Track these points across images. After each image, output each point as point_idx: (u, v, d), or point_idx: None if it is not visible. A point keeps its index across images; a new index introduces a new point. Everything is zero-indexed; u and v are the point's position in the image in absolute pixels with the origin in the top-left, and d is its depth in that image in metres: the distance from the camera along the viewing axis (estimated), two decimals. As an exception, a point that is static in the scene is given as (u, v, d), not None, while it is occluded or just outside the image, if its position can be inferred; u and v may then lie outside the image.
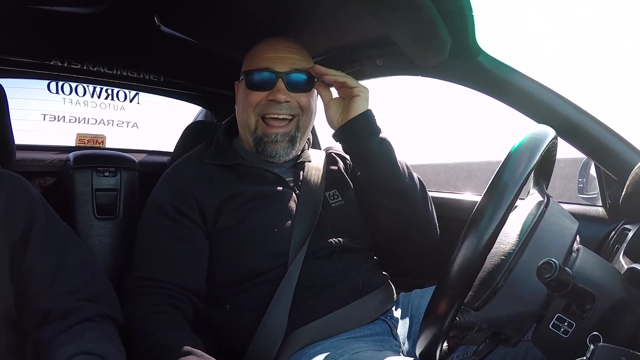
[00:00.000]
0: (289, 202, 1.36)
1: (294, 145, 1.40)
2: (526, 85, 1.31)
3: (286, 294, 1.21)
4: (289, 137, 1.38)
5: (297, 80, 1.37)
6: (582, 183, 1.61)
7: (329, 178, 1.48)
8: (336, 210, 1.42)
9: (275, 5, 1.40)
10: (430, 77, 1.51)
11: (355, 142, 1.35)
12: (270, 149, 1.37)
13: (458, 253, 0.70)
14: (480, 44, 1.31)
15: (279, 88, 1.34)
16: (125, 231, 1.70)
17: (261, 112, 1.36)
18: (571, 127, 1.27)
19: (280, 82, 1.34)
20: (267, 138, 1.36)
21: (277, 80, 1.34)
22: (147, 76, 1.99)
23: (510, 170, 0.72)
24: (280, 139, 1.37)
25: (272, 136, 1.36)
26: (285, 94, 1.34)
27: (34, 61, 1.73)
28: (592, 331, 0.69)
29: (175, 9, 1.46)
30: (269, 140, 1.36)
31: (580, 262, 0.80)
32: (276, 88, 1.34)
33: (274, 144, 1.37)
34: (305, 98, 1.39)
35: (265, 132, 1.36)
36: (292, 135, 1.39)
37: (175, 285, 1.19)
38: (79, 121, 2.40)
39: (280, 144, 1.37)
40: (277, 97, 1.33)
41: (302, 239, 1.29)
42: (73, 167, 1.67)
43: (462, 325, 0.78)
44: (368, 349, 1.15)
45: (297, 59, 1.38)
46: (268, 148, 1.37)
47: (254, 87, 1.37)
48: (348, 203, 1.46)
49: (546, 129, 0.82)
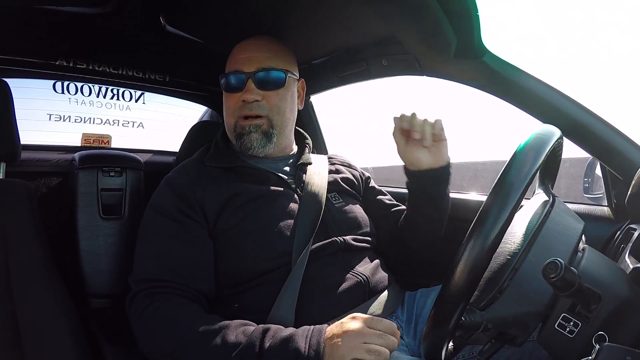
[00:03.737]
0: (291, 202, 1.37)
1: (269, 139, 1.42)
2: (531, 85, 1.31)
3: (291, 294, 1.21)
4: (262, 130, 1.40)
5: (265, 79, 1.39)
6: (588, 183, 1.60)
7: (330, 182, 1.49)
8: (340, 210, 1.43)
9: (280, 5, 1.41)
10: (435, 77, 1.51)
11: (437, 185, 1.40)
12: (246, 141, 1.40)
13: (464, 253, 0.70)
14: (485, 44, 1.31)
15: (247, 88, 1.38)
16: (131, 231, 1.70)
17: (238, 113, 1.40)
18: (577, 127, 1.26)
19: (249, 82, 1.38)
20: (243, 130, 1.40)
21: (247, 80, 1.38)
22: (152, 76, 2.00)
23: (515, 170, 0.72)
24: (253, 130, 1.39)
25: (246, 128, 1.39)
26: (254, 93, 1.37)
27: (39, 61, 1.74)
28: (598, 331, 0.69)
29: (181, 9, 1.46)
30: (244, 132, 1.40)
31: (586, 262, 0.80)
32: (245, 88, 1.38)
33: (248, 135, 1.39)
34: (275, 97, 1.41)
35: (241, 126, 1.40)
36: (264, 130, 1.41)
37: (183, 285, 1.19)
38: (85, 121, 2.40)
39: (253, 135, 1.39)
40: (245, 97, 1.37)
41: (305, 238, 1.29)
42: (78, 167, 1.68)
43: (467, 325, 0.78)
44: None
45: (265, 57, 1.40)
46: (244, 140, 1.40)
47: (228, 90, 1.42)
48: (351, 204, 1.49)
49: (552, 129, 0.82)
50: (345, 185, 1.54)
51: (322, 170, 1.51)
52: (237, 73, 1.38)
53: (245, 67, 1.38)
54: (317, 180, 1.45)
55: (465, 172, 8.20)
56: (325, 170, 1.53)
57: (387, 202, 1.66)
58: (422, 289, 1.45)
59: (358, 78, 1.86)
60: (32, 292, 1.30)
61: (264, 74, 1.38)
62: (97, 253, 1.64)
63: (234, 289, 1.26)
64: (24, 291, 1.29)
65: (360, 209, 1.51)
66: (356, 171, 1.66)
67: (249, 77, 1.37)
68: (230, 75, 1.39)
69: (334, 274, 1.28)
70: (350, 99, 13.18)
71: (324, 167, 1.54)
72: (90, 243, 1.64)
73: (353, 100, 12.33)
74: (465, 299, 0.71)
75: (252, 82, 1.37)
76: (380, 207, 1.63)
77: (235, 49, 1.43)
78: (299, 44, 1.47)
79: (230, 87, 1.40)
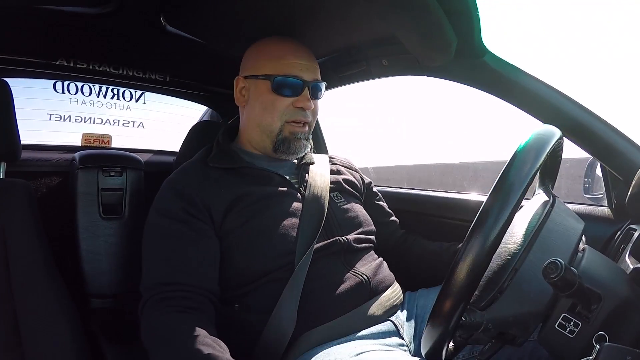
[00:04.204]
0: (295, 202, 1.37)
1: (309, 143, 1.48)
2: (532, 85, 1.31)
3: (294, 294, 1.21)
4: (306, 136, 1.45)
5: (318, 90, 1.44)
6: (588, 183, 1.60)
7: (332, 182, 1.51)
8: (342, 210, 1.44)
9: (282, 4, 1.41)
10: (436, 77, 1.51)
11: None
12: (295, 145, 1.42)
13: (464, 253, 0.70)
14: (486, 44, 1.31)
15: (307, 97, 1.39)
16: (131, 231, 1.70)
17: (288, 117, 1.40)
18: (577, 127, 1.26)
19: (307, 90, 1.39)
20: (293, 136, 1.41)
21: (304, 88, 1.38)
22: (153, 76, 2.00)
23: (516, 170, 0.72)
24: (303, 137, 1.43)
25: (297, 134, 1.41)
26: (311, 101, 1.39)
27: (40, 61, 1.74)
28: (598, 331, 0.69)
29: (181, 8, 1.46)
30: (294, 138, 1.42)
31: (586, 262, 0.80)
32: (304, 97, 1.39)
33: (297, 141, 1.42)
34: (317, 106, 1.46)
35: (292, 131, 1.41)
36: (307, 135, 1.45)
37: (192, 287, 1.18)
38: (85, 121, 2.41)
39: (302, 142, 1.43)
40: (306, 105, 1.39)
41: (309, 238, 1.30)
42: (79, 166, 1.68)
43: (468, 325, 0.78)
44: (374, 349, 1.15)
45: (316, 68, 1.44)
46: (292, 145, 1.42)
47: (281, 92, 1.39)
48: (353, 203, 1.50)
49: (552, 129, 0.82)
50: (347, 185, 1.55)
51: (323, 170, 1.52)
52: (297, 79, 1.38)
53: (305, 75, 1.39)
54: (320, 180, 1.46)
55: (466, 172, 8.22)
56: (327, 170, 1.53)
57: (387, 210, 1.71)
58: (422, 289, 1.46)
59: (358, 78, 1.86)
60: (32, 291, 1.30)
61: (319, 85, 1.43)
62: (97, 253, 1.64)
63: (237, 290, 1.26)
64: (24, 291, 1.29)
65: (361, 208, 1.52)
66: (357, 173, 1.68)
67: (307, 86, 1.38)
68: (290, 78, 1.37)
69: (336, 273, 1.29)
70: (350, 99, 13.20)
71: (326, 167, 1.55)
72: (91, 243, 1.64)
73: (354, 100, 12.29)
74: (465, 299, 0.71)
75: (309, 90, 1.39)
76: (380, 213, 1.66)
77: (288, 51, 1.41)
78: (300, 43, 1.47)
79: (284, 90, 1.38)
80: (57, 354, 1.26)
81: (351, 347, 1.14)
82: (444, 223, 1.83)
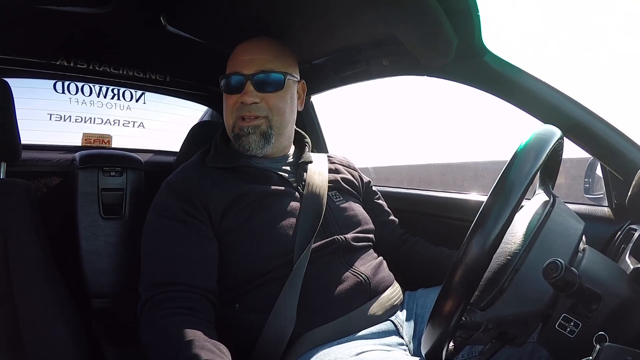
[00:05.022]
0: (293, 201, 1.37)
1: (267, 140, 1.42)
2: (532, 85, 1.31)
3: (293, 293, 1.21)
4: (260, 131, 1.40)
5: (264, 81, 1.39)
6: (588, 183, 1.60)
7: (330, 180, 1.51)
8: (340, 208, 1.44)
9: (281, 4, 1.41)
10: (436, 77, 1.51)
11: None
12: (244, 142, 1.40)
13: (464, 253, 0.70)
14: (486, 44, 1.31)
15: (246, 90, 1.38)
16: (131, 231, 1.70)
17: (237, 114, 1.40)
18: (577, 127, 1.26)
19: (248, 84, 1.38)
20: (241, 132, 1.40)
21: (246, 82, 1.38)
22: (153, 76, 2.00)
23: (516, 170, 0.72)
24: (252, 132, 1.39)
25: (244, 129, 1.40)
26: (253, 95, 1.37)
27: (40, 61, 1.74)
28: (598, 331, 0.69)
29: (181, 9, 1.46)
30: (243, 134, 1.40)
31: (586, 262, 0.79)
32: (244, 90, 1.38)
33: (246, 136, 1.40)
34: (274, 98, 1.41)
35: (240, 127, 1.40)
36: (263, 131, 1.41)
37: (193, 287, 1.18)
38: (85, 121, 2.41)
39: (251, 137, 1.40)
40: (243, 99, 1.38)
41: (306, 237, 1.30)
42: (79, 166, 1.68)
43: (468, 325, 0.78)
44: (374, 349, 1.15)
45: (265, 59, 1.40)
46: (242, 142, 1.41)
47: (228, 91, 1.42)
48: (351, 202, 1.50)
49: (552, 129, 0.82)
50: (345, 184, 1.55)
51: (322, 169, 1.52)
52: (236, 75, 1.38)
53: (245, 69, 1.38)
54: (318, 179, 1.46)
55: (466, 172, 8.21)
56: (325, 169, 1.53)
57: (386, 209, 1.70)
58: (422, 289, 1.46)
59: (359, 78, 1.86)
60: (32, 291, 1.30)
61: (263, 77, 1.39)
62: (97, 253, 1.64)
63: (236, 290, 1.26)
64: (25, 291, 1.29)
65: (360, 207, 1.52)
66: (356, 172, 1.68)
67: (247, 79, 1.37)
68: (230, 76, 1.40)
69: (335, 273, 1.29)
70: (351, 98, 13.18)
71: (324, 166, 1.55)
72: (91, 243, 1.64)
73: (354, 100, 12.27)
74: (465, 299, 0.71)
75: (251, 84, 1.37)
76: (379, 212, 1.66)
77: (236, 50, 1.44)
78: (300, 43, 1.47)
79: (229, 88, 1.40)
80: (57, 353, 1.26)
81: (351, 346, 1.14)
82: (444, 223, 1.83)
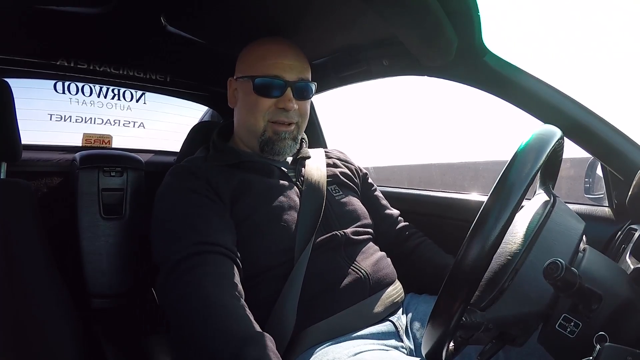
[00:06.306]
0: (293, 196, 1.38)
1: (296, 144, 1.47)
2: (532, 85, 1.31)
3: (294, 290, 1.21)
4: (292, 137, 1.44)
5: (303, 89, 1.42)
6: (589, 183, 1.60)
7: (329, 175, 1.52)
8: (340, 203, 1.45)
9: (282, 4, 1.41)
10: (436, 77, 1.51)
11: None
12: (279, 146, 1.42)
13: (464, 253, 0.70)
14: (486, 44, 1.31)
15: (289, 97, 1.38)
16: (132, 231, 1.70)
17: (271, 118, 1.40)
18: (577, 127, 1.26)
19: (289, 90, 1.38)
20: (277, 136, 1.41)
21: (287, 88, 1.38)
22: (153, 76, 2.00)
23: (516, 170, 0.72)
24: (287, 137, 1.42)
25: (281, 134, 1.41)
26: (294, 102, 1.38)
27: (40, 61, 1.74)
28: (599, 331, 0.69)
29: (182, 9, 1.46)
30: (278, 139, 1.41)
31: (587, 262, 0.79)
32: (286, 97, 1.38)
33: (282, 141, 1.42)
34: (304, 106, 1.45)
35: (275, 131, 1.41)
36: (294, 135, 1.45)
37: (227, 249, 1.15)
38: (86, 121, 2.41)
39: (286, 142, 1.43)
40: (287, 106, 1.38)
41: (308, 233, 1.30)
42: (79, 167, 1.68)
43: (468, 326, 0.78)
44: (373, 349, 1.15)
45: (303, 68, 1.42)
46: (276, 146, 1.42)
47: (263, 93, 1.39)
48: (350, 196, 1.51)
49: (553, 129, 0.82)
50: (344, 178, 1.56)
51: (320, 164, 1.53)
52: (278, 79, 1.38)
53: (287, 75, 1.38)
54: (317, 174, 1.47)
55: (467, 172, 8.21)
56: (323, 164, 1.54)
57: (384, 203, 1.70)
58: (426, 295, 1.45)
59: (359, 78, 1.86)
60: (32, 291, 1.30)
61: (304, 85, 1.41)
62: (98, 253, 1.65)
63: None
64: (25, 291, 1.29)
65: (358, 201, 1.53)
66: (352, 165, 1.69)
67: (289, 86, 1.38)
68: (270, 79, 1.38)
69: (336, 269, 1.29)
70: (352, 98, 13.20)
71: (322, 161, 1.56)
72: (91, 243, 1.64)
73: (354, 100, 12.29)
74: (466, 300, 0.71)
75: (292, 90, 1.38)
76: (378, 206, 1.66)
77: (269, 51, 1.41)
78: (300, 43, 1.47)
79: (266, 91, 1.38)
80: (58, 353, 1.26)
81: (349, 346, 1.14)
82: (444, 223, 1.83)
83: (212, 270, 1.09)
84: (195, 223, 1.19)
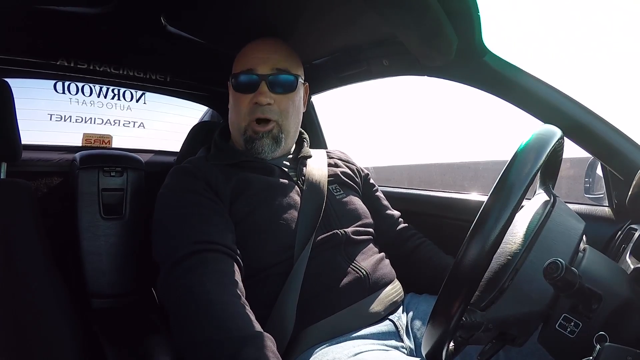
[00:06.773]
0: (294, 195, 1.38)
1: (278, 144, 1.44)
2: (532, 85, 1.31)
3: (294, 288, 1.21)
4: (272, 136, 1.42)
5: (278, 81, 1.40)
6: (589, 183, 1.60)
7: (330, 174, 1.51)
8: (341, 202, 1.45)
9: (282, 4, 1.41)
10: (436, 77, 1.51)
11: None
12: (257, 145, 1.41)
13: (464, 253, 0.70)
14: (486, 44, 1.31)
15: (260, 90, 1.37)
16: (132, 231, 1.71)
17: (250, 116, 1.40)
18: (577, 127, 1.26)
19: (263, 83, 1.37)
20: (255, 135, 1.41)
21: (260, 82, 1.37)
22: (153, 76, 2.00)
23: (516, 170, 0.72)
24: (265, 136, 1.41)
25: (258, 134, 1.40)
26: (268, 96, 1.38)
27: (40, 61, 1.74)
28: (599, 331, 0.69)
29: (182, 9, 1.46)
30: (257, 138, 1.41)
31: (587, 262, 0.79)
32: (259, 90, 1.37)
33: (260, 140, 1.41)
34: (285, 101, 1.42)
35: (255, 131, 1.41)
36: (275, 135, 1.43)
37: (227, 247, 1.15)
38: (86, 121, 2.41)
39: (265, 141, 1.41)
40: (259, 100, 1.37)
41: (308, 232, 1.30)
42: (79, 167, 1.68)
43: (468, 325, 0.78)
44: (373, 349, 1.15)
45: (279, 59, 1.40)
46: (255, 145, 1.41)
47: (240, 90, 1.41)
48: (351, 196, 1.50)
49: (553, 129, 0.82)
50: (345, 178, 1.56)
51: (321, 164, 1.53)
52: (251, 73, 1.38)
53: (260, 68, 1.37)
54: (317, 173, 1.47)
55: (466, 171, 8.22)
56: (325, 163, 1.54)
57: (385, 203, 1.69)
58: (427, 295, 1.45)
59: (359, 78, 1.86)
60: (32, 291, 1.30)
61: (278, 77, 1.39)
62: (98, 253, 1.65)
63: None
64: (25, 291, 1.29)
65: (360, 201, 1.52)
66: (354, 166, 1.68)
67: (262, 79, 1.37)
68: (243, 74, 1.38)
69: (335, 268, 1.28)
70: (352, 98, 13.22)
71: (323, 160, 1.56)
72: (91, 243, 1.64)
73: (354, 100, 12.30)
74: (466, 299, 0.71)
75: (266, 84, 1.37)
76: (379, 206, 1.65)
77: (249, 48, 1.43)
78: (301, 44, 1.47)
79: (242, 87, 1.39)
80: (58, 353, 1.26)
81: (349, 346, 1.14)
82: (444, 223, 1.83)
83: (212, 269, 1.09)
84: (194, 223, 1.19)
